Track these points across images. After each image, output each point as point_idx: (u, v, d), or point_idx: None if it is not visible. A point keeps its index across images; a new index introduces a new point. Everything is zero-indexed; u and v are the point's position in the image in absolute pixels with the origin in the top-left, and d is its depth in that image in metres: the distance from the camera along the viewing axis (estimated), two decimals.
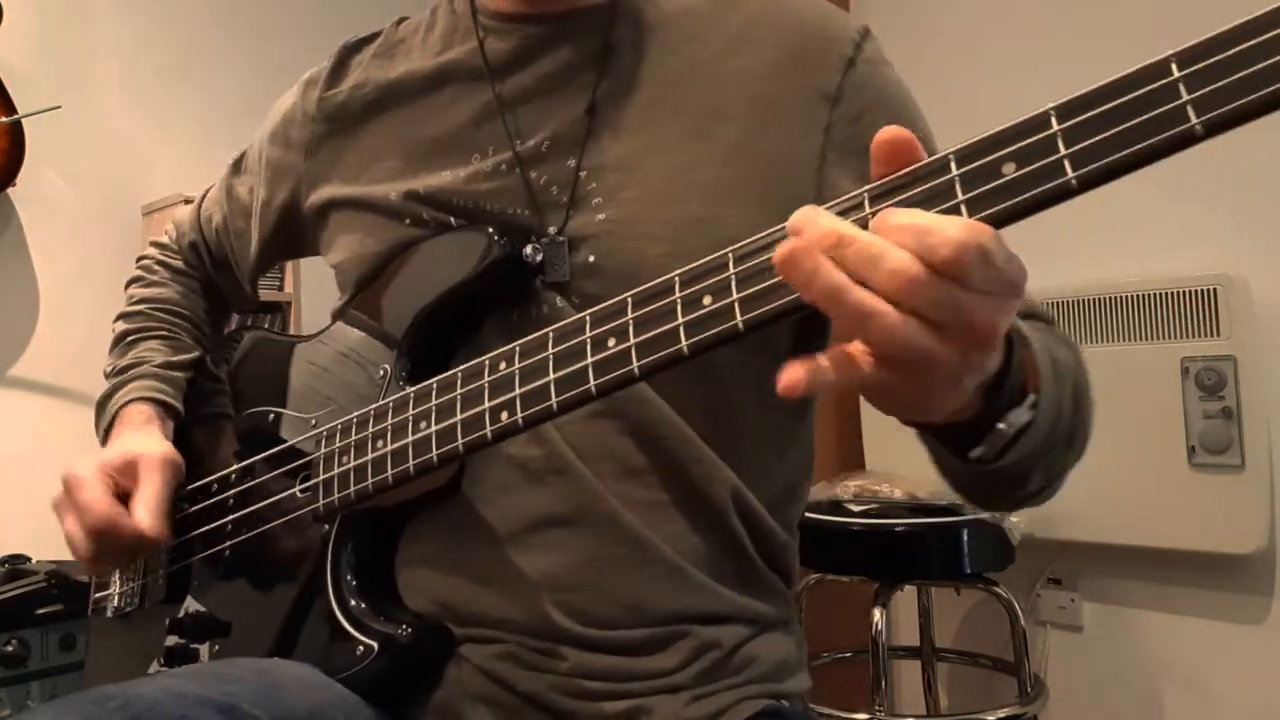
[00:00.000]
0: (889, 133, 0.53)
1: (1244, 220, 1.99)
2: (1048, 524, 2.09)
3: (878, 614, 1.96)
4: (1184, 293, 1.98)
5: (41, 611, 1.92)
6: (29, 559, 2.12)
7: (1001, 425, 0.59)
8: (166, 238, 1.13)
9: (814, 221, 0.51)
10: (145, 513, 0.86)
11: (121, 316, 1.08)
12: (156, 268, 1.11)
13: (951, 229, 0.48)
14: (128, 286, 1.12)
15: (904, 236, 0.49)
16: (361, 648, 0.76)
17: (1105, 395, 2.36)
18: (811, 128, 0.80)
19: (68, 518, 0.88)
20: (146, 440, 0.93)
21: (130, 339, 1.04)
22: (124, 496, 0.88)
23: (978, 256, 0.48)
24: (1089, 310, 2.09)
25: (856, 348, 0.52)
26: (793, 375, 0.52)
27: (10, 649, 1.88)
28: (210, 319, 1.11)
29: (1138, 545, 2.05)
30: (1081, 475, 0.75)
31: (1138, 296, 2.03)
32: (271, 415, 0.91)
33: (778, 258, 0.51)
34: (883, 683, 1.97)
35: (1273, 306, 1.95)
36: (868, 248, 0.49)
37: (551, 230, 0.80)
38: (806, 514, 0.94)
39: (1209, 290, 1.95)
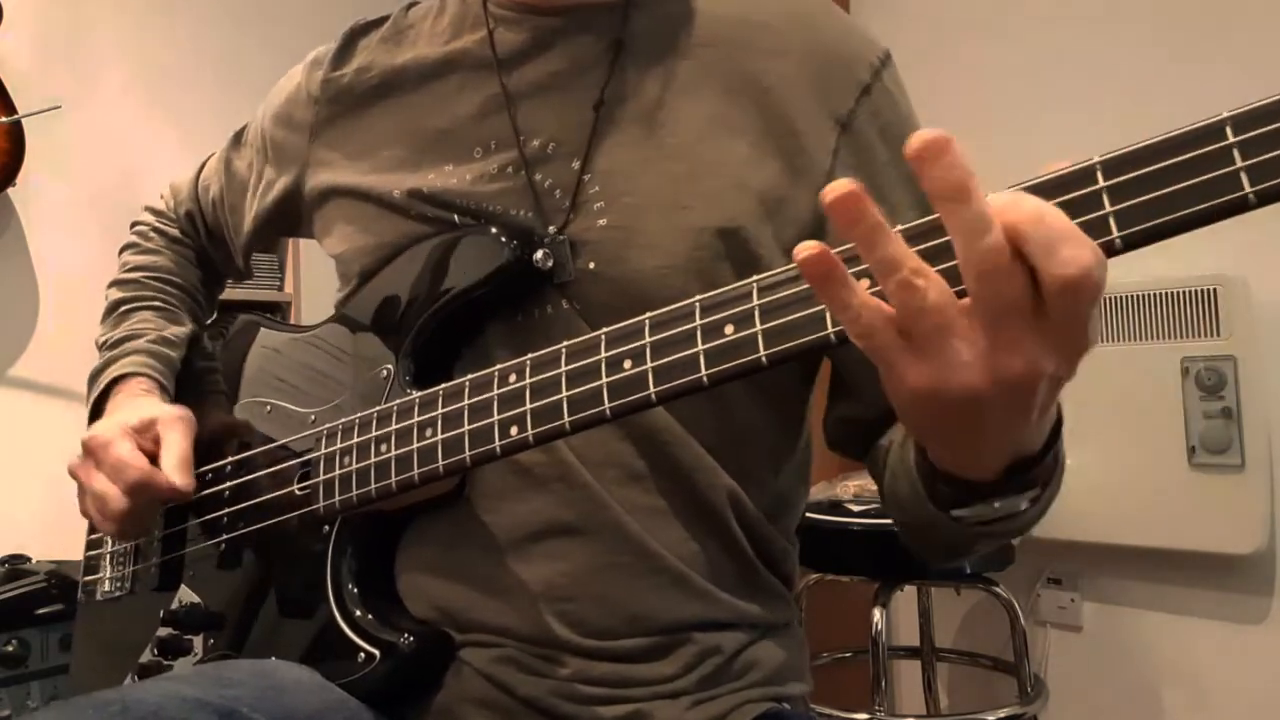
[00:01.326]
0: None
1: (1243, 220, 1.97)
2: (1048, 524, 2.06)
3: (878, 614, 1.96)
4: (1184, 293, 1.97)
5: (41, 611, 1.92)
6: (29, 559, 2.12)
7: (998, 504, 0.58)
8: (163, 204, 1.12)
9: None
10: (174, 468, 0.86)
11: (115, 284, 1.07)
12: (152, 234, 1.10)
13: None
14: (122, 252, 1.10)
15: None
16: (363, 655, 0.76)
17: (1105, 395, 2.36)
18: (820, 148, 0.79)
19: (97, 476, 0.87)
20: (156, 404, 0.92)
21: (124, 308, 1.03)
22: (146, 455, 0.87)
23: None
24: None
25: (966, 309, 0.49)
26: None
27: (10, 649, 1.88)
28: (204, 289, 1.10)
29: (1138, 545, 2.05)
30: (1081, 475, 0.74)
31: (1138, 296, 2.03)
32: (269, 407, 0.90)
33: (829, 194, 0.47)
34: (883, 683, 1.97)
35: (1273, 306, 1.95)
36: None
37: (552, 229, 0.79)
38: (806, 514, 0.93)
39: (1209, 290, 1.94)
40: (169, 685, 0.68)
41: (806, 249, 0.48)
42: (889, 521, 2.18)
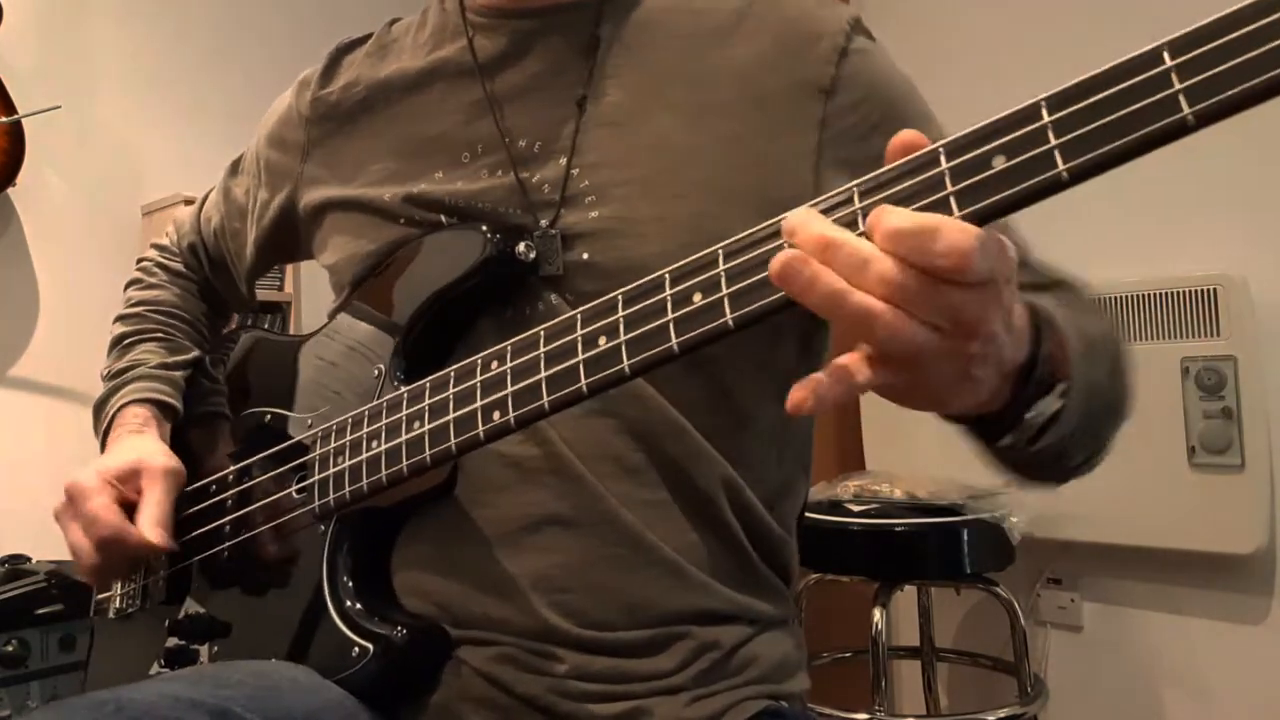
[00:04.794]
0: (906, 137, 0.52)
1: (1244, 220, 1.99)
2: (1048, 524, 2.08)
3: (878, 614, 1.96)
4: (1184, 293, 1.97)
5: (41, 611, 1.92)
6: (29, 559, 2.12)
7: (1029, 414, 0.60)
8: (166, 239, 1.14)
9: (806, 226, 0.52)
10: (151, 524, 0.87)
11: (119, 319, 1.08)
12: (155, 269, 1.12)
13: (955, 236, 0.48)
14: (127, 288, 1.12)
15: (899, 244, 0.48)
16: (357, 649, 0.76)
17: None
18: (805, 123, 0.79)
19: (72, 527, 0.88)
20: (146, 446, 0.93)
21: (127, 342, 1.05)
22: (127, 505, 0.88)
23: (977, 259, 0.48)
24: None
25: (853, 358, 0.52)
26: (797, 396, 0.52)
27: (10, 649, 1.88)
28: (208, 321, 1.11)
29: (1138, 545, 2.05)
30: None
31: (1138, 296, 2.02)
32: (268, 415, 0.91)
33: (774, 269, 0.51)
34: (883, 683, 1.97)
35: (1273, 306, 1.95)
36: (856, 253, 0.49)
37: (543, 223, 0.80)
38: (806, 514, 0.93)
39: (1209, 290, 1.94)
40: (163, 685, 0.68)
41: (796, 403, 0.52)
42: (889, 521, 2.18)
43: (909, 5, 2.56)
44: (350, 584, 0.80)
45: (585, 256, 0.78)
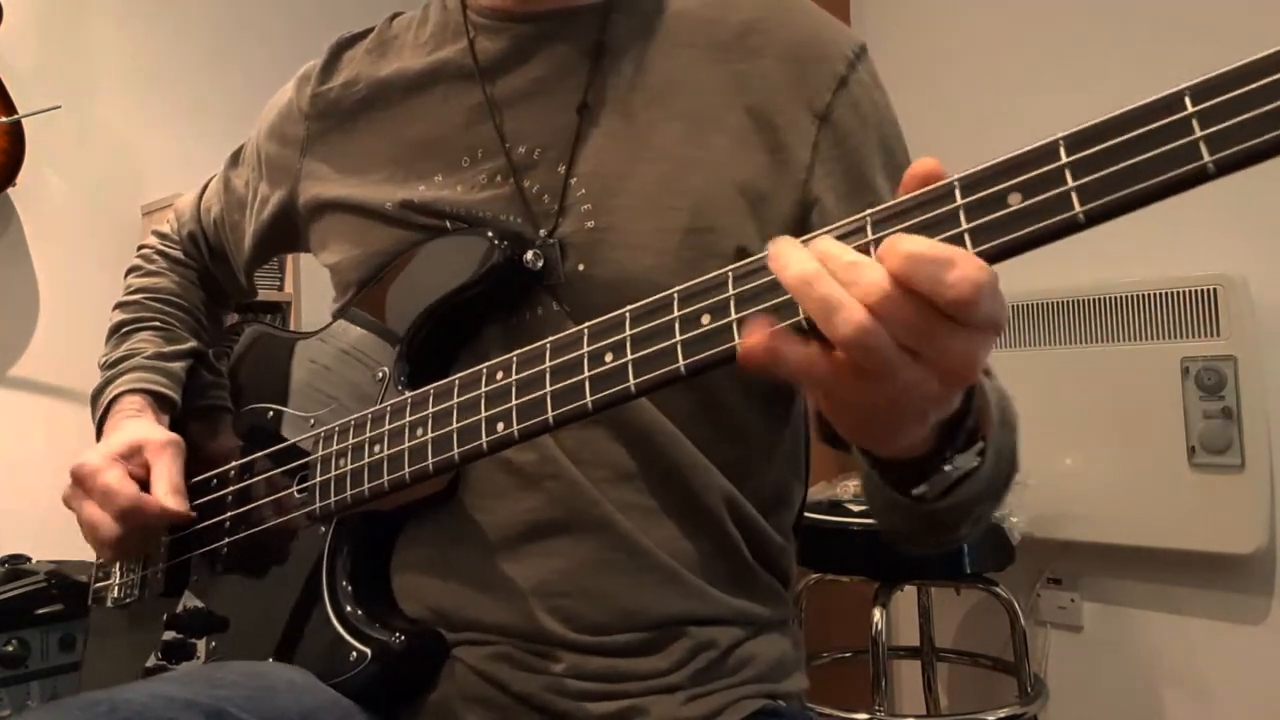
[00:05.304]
0: (924, 166, 0.51)
1: (1244, 220, 1.98)
2: (1048, 524, 2.08)
3: (878, 614, 1.96)
4: (1184, 293, 1.97)
5: (41, 611, 1.92)
6: (29, 559, 2.12)
7: (948, 467, 0.59)
8: (168, 227, 1.13)
9: (812, 243, 0.51)
10: (167, 491, 0.87)
11: (119, 306, 1.08)
12: (155, 257, 1.11)
13: (971, 269, 0.47)
14: (127, 275, 1.12)
15: (913, 267, 0.47)
16: (355, 654, 0.76)
17: (1105, 395, 2.34)
18: (800, 141, 0.79)
19: (87, 506, 0.87)
20: (145, 427, 0.93)
21: (125, 329, 1.04)
22: (136, 480, 0.88)
23: (986, 296, 0.47)
24: (1089, 310, 2.09)
25: (828, 352, 0.51)
26: (754, 339, 0.51)
27: (10, 649, 1.88)
28: (207, 309, 1.11)
29: (1138, 545, 2.05)
30: (1081, 475, 0.75)
31: (1138, 296, 2.02)
32: (271, 413, 0.90)
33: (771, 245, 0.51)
34: (883, 683, 1.97)
35: (1273, 306, 1.95)
36: (852, 261, 0.49)
37: (542, 233, 0.79)
38: (806, 514, 0.93)
39: (1209, 290, 1.94)
40: (158, 686, 0.68)
41: (749, 346, 0.51)
42: None
43: (909, 5, 2.56)
44: (349, 588, 0.80)
45: (580, 267, 0.78)
